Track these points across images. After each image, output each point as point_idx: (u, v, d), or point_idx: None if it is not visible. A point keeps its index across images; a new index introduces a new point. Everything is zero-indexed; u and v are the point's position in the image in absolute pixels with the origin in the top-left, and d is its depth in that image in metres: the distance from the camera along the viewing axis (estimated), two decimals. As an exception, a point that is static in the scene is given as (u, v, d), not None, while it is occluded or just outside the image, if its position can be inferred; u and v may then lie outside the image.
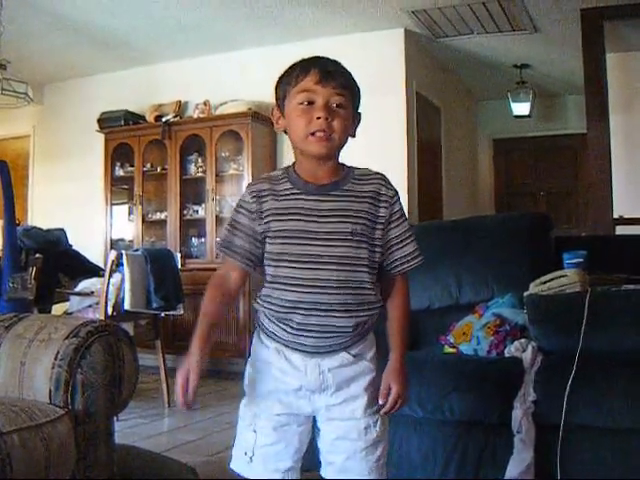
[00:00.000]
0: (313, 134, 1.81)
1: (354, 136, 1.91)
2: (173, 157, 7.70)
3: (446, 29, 7.13)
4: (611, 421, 2.56)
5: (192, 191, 7.76)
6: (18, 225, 5.24)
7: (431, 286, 3.71)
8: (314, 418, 1.91)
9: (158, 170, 7.89)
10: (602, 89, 6.34)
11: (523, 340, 3.03)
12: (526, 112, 8.90)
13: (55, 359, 1.92)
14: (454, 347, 3.31)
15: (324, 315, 1.79)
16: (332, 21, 6.89)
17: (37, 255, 4.99)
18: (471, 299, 3.60)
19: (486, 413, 2.79)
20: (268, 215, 1.85)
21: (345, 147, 1.89)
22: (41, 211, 8.73)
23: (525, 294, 3.19)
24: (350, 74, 1.89)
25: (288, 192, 1.86)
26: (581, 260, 3.36)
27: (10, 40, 6.17)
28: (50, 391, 1.91)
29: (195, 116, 7.73)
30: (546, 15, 6.69)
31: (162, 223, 7.87)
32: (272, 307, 1.85)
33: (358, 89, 1.91)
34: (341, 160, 1.91)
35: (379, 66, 7.10)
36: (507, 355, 3.04)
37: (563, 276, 3.20)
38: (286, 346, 1.85)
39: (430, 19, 6.84)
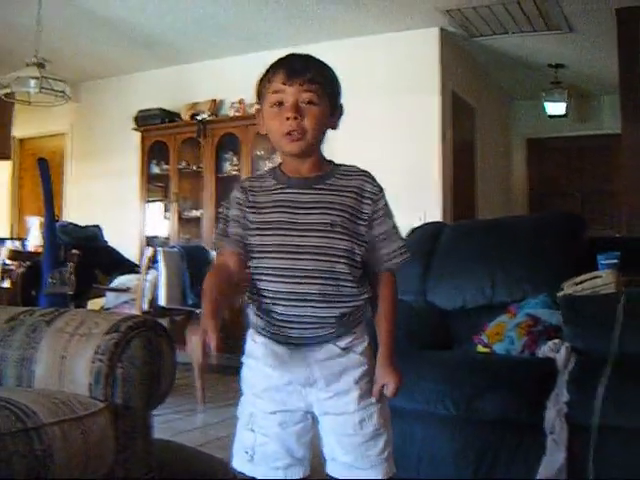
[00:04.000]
0: (287, 134, 1.81)
1: (335, 128, 1.91)
2: (208, 155, 7.75)
3: (481, 28, 7.11)
4: (645, 423, 2.56)
5: (227, 189, 7.75)
6: (56, 222, 5.30)
7: (464, 286, 3.72)
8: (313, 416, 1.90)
9: (193, 168, 7.95)
10: (637, 89, 6.28)
11: (557, 340, 3.02)
12: (561, 112, 8.87)
13: (96, 353, 1.94)
14: (487, 347, 3.31)
15: (304, 305, 1.80)
16: (367, 20, 6.90)
17: (74, 251, 5.06)
18: (504, 299, 3.59)
19: (519, 413, 2.79)
20: (252, 207, 1.89)
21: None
22: (77, 208, 8.81)
23: (559, 294, 3.19)
24: (323, 67, 1.88)
25: (272, 187, 1.89)
26: (615, 261, 3.33)
27: (48, 39, 6.25)
28: (90, 385, 1.93)
29: (230, 115, 7.79)
30: (581, 15, 6.65)
31: (197, 221, 7.93)
32: (258, 299, 1.86)
33: (334, 81, 1.89)
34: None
35: (414, 65, 7.11)
36: (540, 355, 3.03)
37: (597, 277, 3.19)
38: (272, 340, 1.86)
39: (465, 18, 6.83)
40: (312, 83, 1.81)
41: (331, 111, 1.87)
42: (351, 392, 1.84)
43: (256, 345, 1.91)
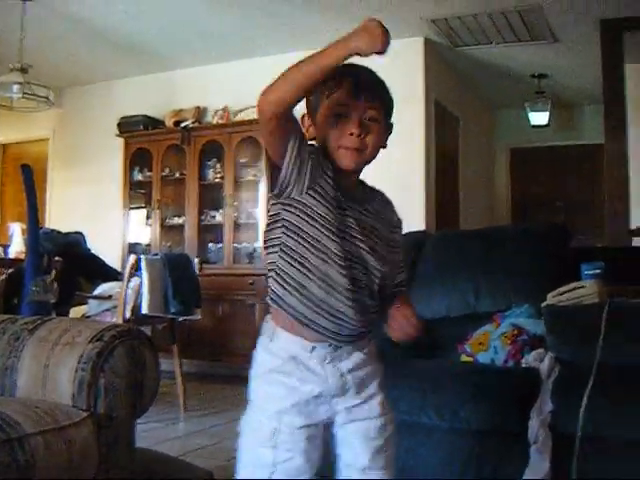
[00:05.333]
0: (345, 147, 1.78)
1: (385, 147, 1.88)
2: (192, 162, 7.74)
3: (465, 38, 7.14)
4: (628, 432, 2.55)
5: (210, 196, 7.79)
6: (39, 229, 5.27)
7: (449, 294, 3.72)
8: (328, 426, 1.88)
9: (176, 175, 7.94)
10: (621, 100, 6.32)
11: (541, 350, 3.03)
12: (544, 122, 8.91)
13: (79, 362, 1.93)
14: (471, 356, 3.31)
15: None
16: (351, 28, 6.88)
17: (57, 258, 5.03)
18: (489, 308, 3.59)
19: (502, 423, 2.79)
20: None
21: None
22: (59, 214, 8.76)
23: (543, 304, 3.19)
24: (383, 83, 1.89)
25: None
26: (599, 271, 3.34)
27: (31, 44, 6.23)
28: (73, 394, 1.92)
29: (214, 122, 7.79)
30: (566, 25, 6.69)
31: (180, 228, 7.91)
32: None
33: (391, 98, 1.89)
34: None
35: (398, 75, 7.08)
36: (524, 365, 3.04)
37: (581, 287, 3.20)
38: (305, 351, 1.82)
39: (450, 28, 6.85)
40: (376, 100, 1.82)
41: (385, 129, 1.87)
42: (376, 397, 1.89)
43: (281, 361, 1.83)
